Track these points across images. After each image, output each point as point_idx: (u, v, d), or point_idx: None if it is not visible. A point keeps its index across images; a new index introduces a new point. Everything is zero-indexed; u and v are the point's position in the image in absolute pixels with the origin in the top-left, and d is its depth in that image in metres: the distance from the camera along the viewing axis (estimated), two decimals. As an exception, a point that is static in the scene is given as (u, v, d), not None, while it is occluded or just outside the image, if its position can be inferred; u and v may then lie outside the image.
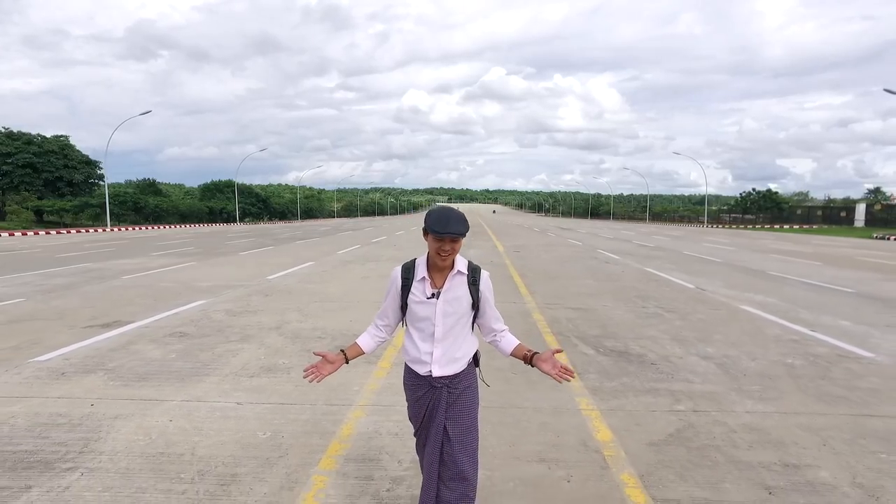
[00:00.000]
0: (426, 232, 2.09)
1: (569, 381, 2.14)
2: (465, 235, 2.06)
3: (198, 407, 3.98)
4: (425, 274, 2.16)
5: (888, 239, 32.95)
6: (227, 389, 4.36)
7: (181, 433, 3.52)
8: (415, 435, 2.32)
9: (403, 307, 2.21)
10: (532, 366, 2.20)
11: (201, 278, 11.20)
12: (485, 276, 2.23)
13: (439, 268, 2.15)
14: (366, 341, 2.27)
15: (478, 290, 2.18)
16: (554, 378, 2.14)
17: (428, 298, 2.14)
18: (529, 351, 2.22)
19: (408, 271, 2.20)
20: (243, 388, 4.41)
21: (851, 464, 3.17)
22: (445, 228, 2.02)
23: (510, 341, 2.27)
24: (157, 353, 5.40)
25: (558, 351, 2.23)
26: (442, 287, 2.15)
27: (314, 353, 2.23)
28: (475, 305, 2.20)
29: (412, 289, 2.17)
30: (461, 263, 2.18)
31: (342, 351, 2.23)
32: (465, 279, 2.17)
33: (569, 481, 2.94)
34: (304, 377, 2.17)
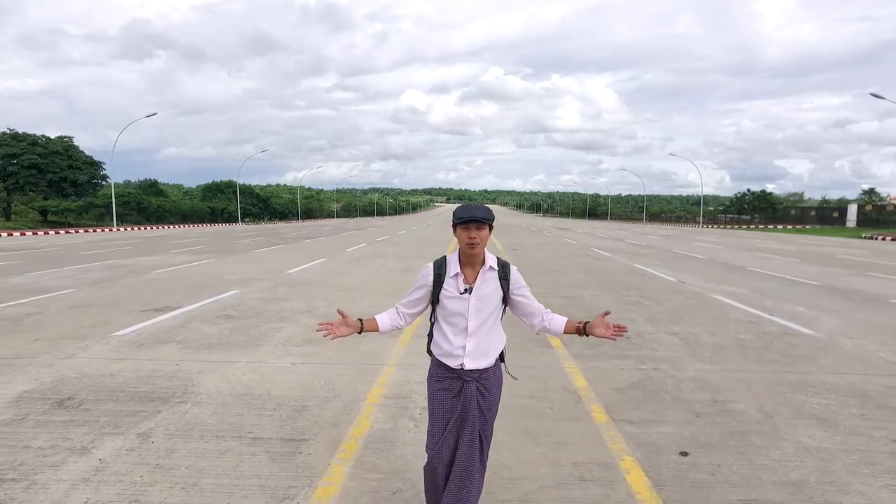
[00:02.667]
0: (455, 228, 2.22)
1: (622, 336, 2.22)
2: (489, 222, 2.19)
3: (262, 366, 5.03)
4: (458, 270, 2.25)
5: (875, 239, 33.94)
6: (281, 354, 5.42)
7: (255, 382, 4.57)
8: (433, 433, 2.28)
9: (435, 303, 2.29)
10: (587, 335, 2.26)
11: (226, 273, 12.25)
12: (514, 270, 2.33)
13: (471, 263, 2.24)
14: (384, 320, 2.34)
15: (508, 284, 2.27)
16: (609, 338, 2.22)
17: (461, 294, 2.22)
18: (580, 322, 2.28)
19: (440, 267, 2.27)
20: (293, 354, 5.46)
21: (763, 400, 4.24)
22: (468, 214, 2.16)
23: (559, 320, 2.31)
24: (213, 330, 6.45)
25: (607, 313, 2.26)
26: (474, 282, 2.23)
27: (337, 311, 2.33)
28: (505, 299, 2.28)
29: (444, 284, 2.24)
30: (491, 259, 2.27)
31: (360, 321, 2.31)
32: (496, 274, 2.25)
33: (552, 409, 4.01)
34: (318, 330, 2.28)
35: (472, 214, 2.15)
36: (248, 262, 15.10)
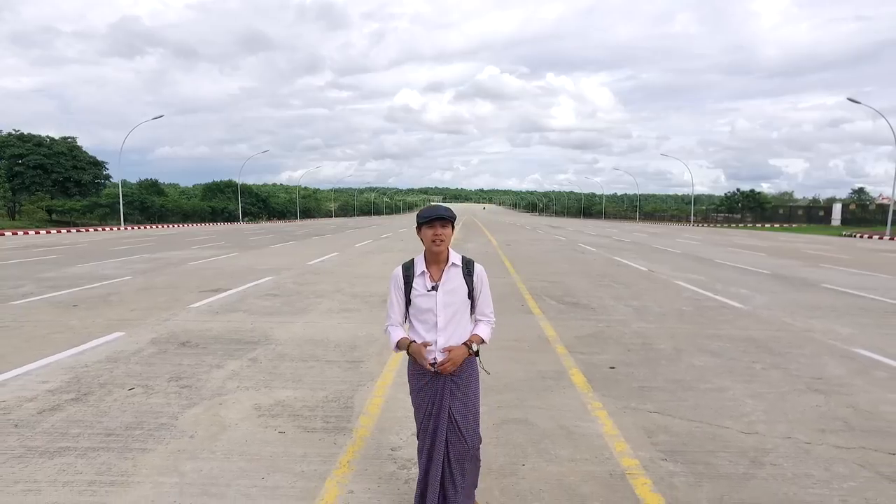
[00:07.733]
0: (419, 228, 2.35)
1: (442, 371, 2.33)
2: (453, 221, 2.35)
3: (315, 324, 6.74)
4: (424, 269, 2.40)
5: (854, 236, 35.55)
6: (327, 318, 7.13)
7: (315, 333, 6.27)
8: (418, 436, 2.46)
9: (407, 303, 2.43)
10: (471, 352, 2.39)
11: (255, 264, 13.93)
12: (478, 267, 2.45)
13: (436, 262, 2.39)
14: (402, 334, 2.45)
15: (472, 279, 2.41)
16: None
17: (428, 291, 2.36)
18: (470, 341, 2.40)
19: (408, 269, 2.42)
20: (336, 317, 7.16)
21: (680, 342, 5.97)
22: (434, 213, 2.31)
23: (478, 328, 2.46)
24: (266, 304, 8.14)
25: (476, 352, 2.40)
26: (440, 280, 2.37)
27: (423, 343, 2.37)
28: (471, 295, 2.42)
29: (413, 284, 2.39)
30: (455, 257, 2.41)
31: (411, 342, 2.38)
32: (459, 271, 2.40)
33: (528, 346, 5.73)
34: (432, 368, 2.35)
35: (437, 213, 2.32)
36: (268, 255, 16.77)
